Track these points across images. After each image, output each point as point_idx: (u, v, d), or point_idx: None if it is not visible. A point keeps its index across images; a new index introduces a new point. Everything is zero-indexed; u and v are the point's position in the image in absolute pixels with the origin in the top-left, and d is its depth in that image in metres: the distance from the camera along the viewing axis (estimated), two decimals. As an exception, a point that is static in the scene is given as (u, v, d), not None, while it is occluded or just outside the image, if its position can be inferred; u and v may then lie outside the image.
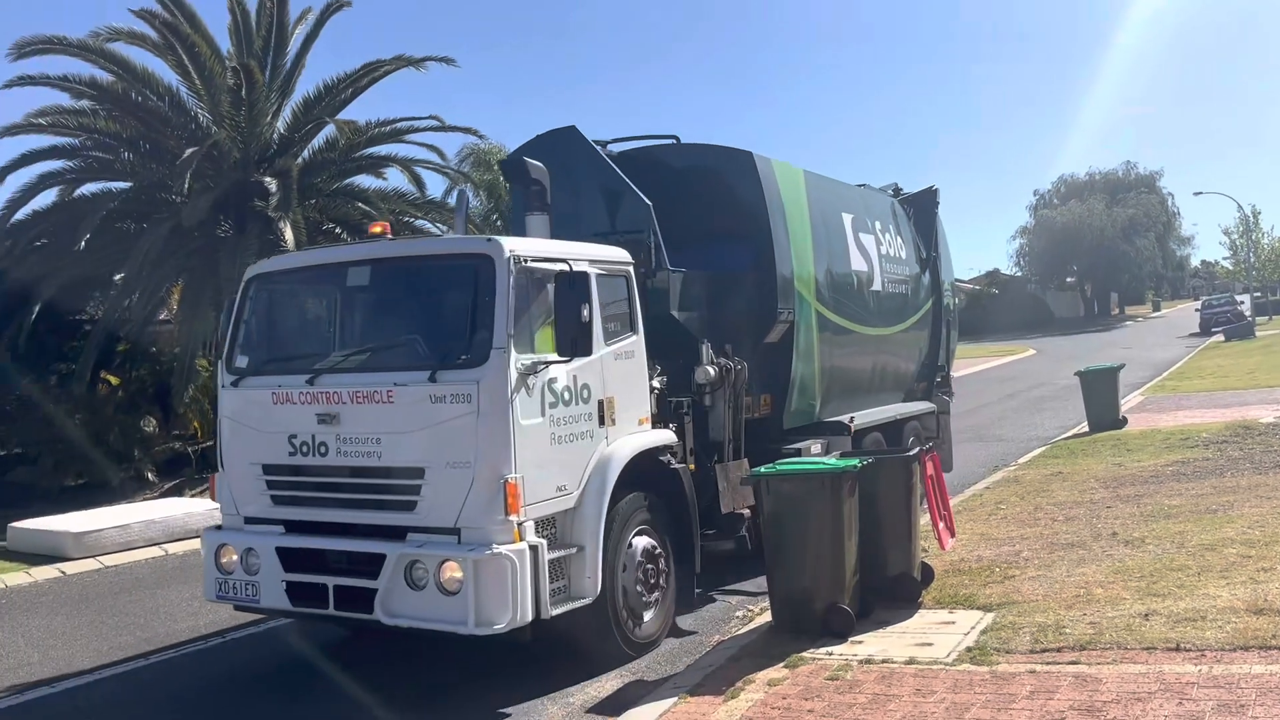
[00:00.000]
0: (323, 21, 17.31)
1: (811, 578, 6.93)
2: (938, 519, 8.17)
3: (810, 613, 6.90)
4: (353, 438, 6.52)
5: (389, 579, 6.25)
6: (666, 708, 5.87)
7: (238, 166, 16.25)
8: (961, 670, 6.01)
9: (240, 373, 7.21)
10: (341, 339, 7.32)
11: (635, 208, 8.36)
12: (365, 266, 6.98)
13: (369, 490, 6.57)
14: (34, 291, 14.96)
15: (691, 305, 8.46)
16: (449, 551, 6.15)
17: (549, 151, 8.56)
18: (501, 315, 6.29)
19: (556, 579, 6.46)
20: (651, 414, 7.58)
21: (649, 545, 7.23)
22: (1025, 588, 7.62)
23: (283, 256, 7.72)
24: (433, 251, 7.25)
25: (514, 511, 6.14)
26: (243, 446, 7.06)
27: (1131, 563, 8.07)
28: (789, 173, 9.80)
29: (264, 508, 6.95)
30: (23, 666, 7.83)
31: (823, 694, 5.80)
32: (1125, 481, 11.93)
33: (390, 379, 6.43)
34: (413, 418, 6.31)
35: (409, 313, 7.10)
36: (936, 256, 12.81)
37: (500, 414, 6.17)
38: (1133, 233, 71.46)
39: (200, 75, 16.05)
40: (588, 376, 6.89)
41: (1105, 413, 17.21)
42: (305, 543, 6.68)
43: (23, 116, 15.48)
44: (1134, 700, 5.27)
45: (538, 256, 6.67)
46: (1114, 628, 6.44)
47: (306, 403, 6.67)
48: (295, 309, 7.86)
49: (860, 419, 10.23)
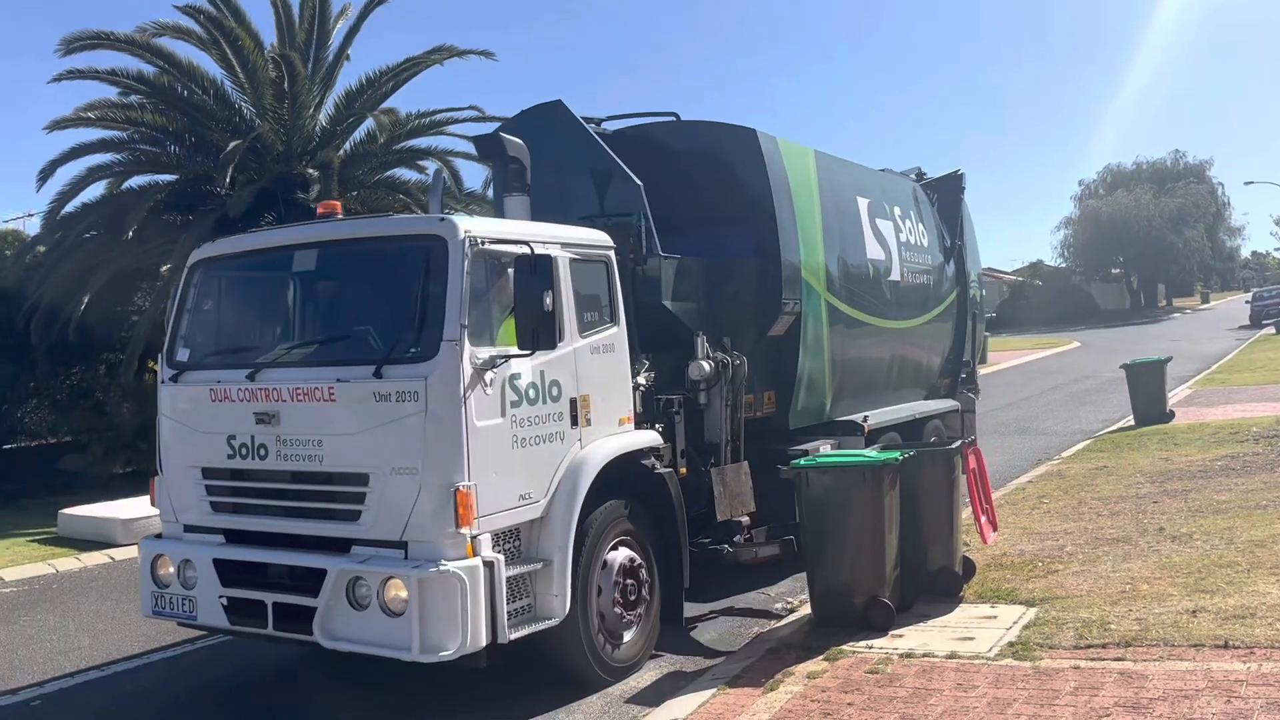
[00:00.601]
0: (365, 15, 17.42)
1: (851, 571, 6.89)
2: (980, 513, 8.09)
3: (850, 606, 6.86)
4: (293, 439, 5.93)
5: (329, 597, 5.68)
6: (705, 699, 5.87)
7: (280, 159, 16.41)
8: (1004, 665, 5.95)
9: (181, 367, 6.63)
10: (288, 330, 6.69)
11: (625, 188, 7.81)
12: (311, 250, 6.36)
13: (311, 498, 5.97)
14: (84, 282, 15.22)
15: (686, 295, 7.89)
16: (393, 568, 5.56)
17: (534, 129, 8.02)
18: (455, 303, 5.65)
19: (519, 598, 5.86)
20: (635, 413, 6.97)
21: (629, 558, 6.61)
22: (1069, 583, 7.53)
23: (229, 239, 7.06)
24: (380, 233, 6.45)
25: (466, 523, 5.53)
26: (181, 448, 6.48)
27: (1179, 558, 7.94)
28: (797, 153, 9.16)
29: (203, 515, 6.39)
30: (73, 650, 7.99)
31: (862, 687, 5.77)
32: (1172, 476, 11.73)
33: (333, 375, 5.83)
34: (356, 418, 5.73)
35: (357, 301, 6.53)
36: (962, 245, 12.13)
37: (451, 414, 5.57)
38: (1181, 223, 70.14)
39: (244, 68, 16.22)
40: (558, 372, 6.27)
41: (1151, 406, 16.91)
42: (244, 555, 6.14)
43: (72, 111, 15.75)
44: (1181, 698, 5.19)
45: (498, 238, 6.01)
46: (1161, 624, 6.35)
47: (245, 400, 6.09)
48: (241, 297, 7.14)
49: (875, 418, 9.58)
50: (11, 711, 6.74)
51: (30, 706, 6.82)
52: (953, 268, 11.98)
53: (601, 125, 8.90)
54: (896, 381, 10.67)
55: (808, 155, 9.34)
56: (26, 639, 8.38)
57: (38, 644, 8.07)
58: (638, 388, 7.07)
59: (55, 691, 7.08)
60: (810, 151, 9.43)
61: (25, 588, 10.33)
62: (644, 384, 7.16)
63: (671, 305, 7.72)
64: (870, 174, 10.90)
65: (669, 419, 7.38)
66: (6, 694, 7.03)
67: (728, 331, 7.99)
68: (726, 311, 8.18)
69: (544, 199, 7.62)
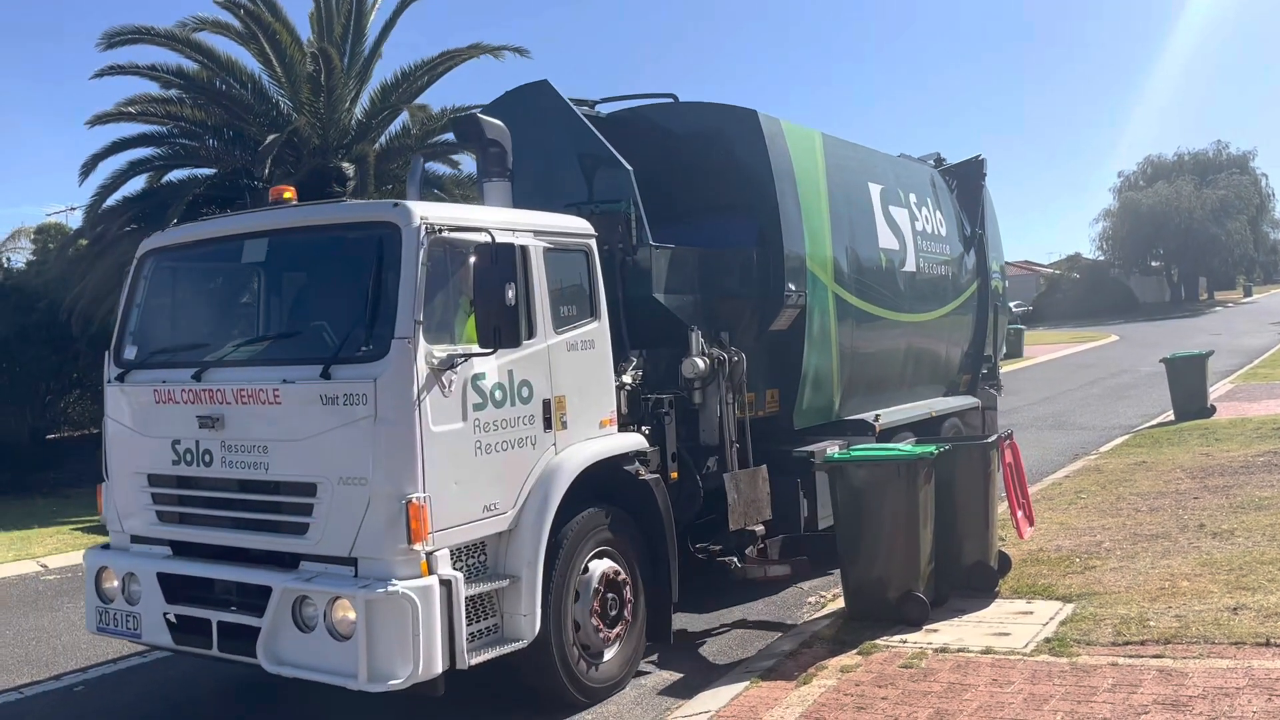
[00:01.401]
0: (401, 9, 17.51)
1: (886, 565, 6.86)
2: (1016, 508, 8.02)
3: (885, 600, 6.83)
4: (238, 445, 5.53)
5: (274, 616, 5.28)
6: (737, 692, 5.87)
7: (317, 153, 16.54)
8: (1040, 661, 5.90)
9: (127, 365, 6.20)
10: (238, 327, 6.28)
11: (614, 173, 7.36)
12: (262, 240, 5.92)
13: (257, 508, 5.58)
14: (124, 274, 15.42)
15: (680, 287, 7.41)
16: (340, 587, 5.13)
17: (518, 110, 7.59)
18: (408, 297, 5.20)
19: (482, 618, 5.45)
20: (619, 415, 6.51)
21: (610, 570, 6.15)
22: (1107, 579, 7.45)
23: (179, 228, 6.58)
24: (331, 219, 5.97)
25: (419, 538, 5.09)
26: (127, 453, 6.07)
27: (1219, 555, 7.83)
28: (802, 135, 8.68)
29: (149, 525, 6.00)
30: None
31: (896, 682, 5.74)
32: (1213, 472, 11.56)
33: (279, 375, 5.41)
34: (303, 422, 5.31)
35: (310, 295, 6.15)
36: (983, 234, 11.60)
37: (403, 419, 5.13)
38: (1223, 215, 68.97)
39: (281, 63, 16.37)
40: (529, 371, 5.79)
41: (1192, 401, 16.67)
42: (189, 569, 5.76)
43: (113, 106, 15.96)
44: (1221, 695, 5.13)
45: (459, 225, 5.53)
46: (1201, 621, 6.27)
47: (189, 402, 5.68)
48: (191, 290, 6.69)
49: (887, 417, 9.10)
50: (56, 697, 6.88)
51: (74, 692, 6.95)
52: (973, 258, 11.48)
53: (595, 108, 8.50)
54: (912, 378, 10.22)
55: (814, 138, 8.93)
56: (70, 625, 8.53)
57: (81, 631, 8.19)
58: (622, 387, 6.64)
59: (98, 677, 7.20)
60: (817, 134, 9.01)
61: (69, 575, 10.51)
62: (630, 383, 6.74)
63: (664, 298, 7.26)
64: (883, 159, 10.40)
65: (658, 420, 6.92)
66: (50, 680, 7.17)
67: (727, 326, 7.66)
68: (726, 305, 7.78)
69: (530, 185, 7.24)
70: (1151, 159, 77.66)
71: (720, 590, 7.95)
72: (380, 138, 17.78)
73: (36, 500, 15.08)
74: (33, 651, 7.87)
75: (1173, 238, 68.83)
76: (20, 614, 9.09)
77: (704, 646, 7.05)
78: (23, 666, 7.48)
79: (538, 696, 5.97)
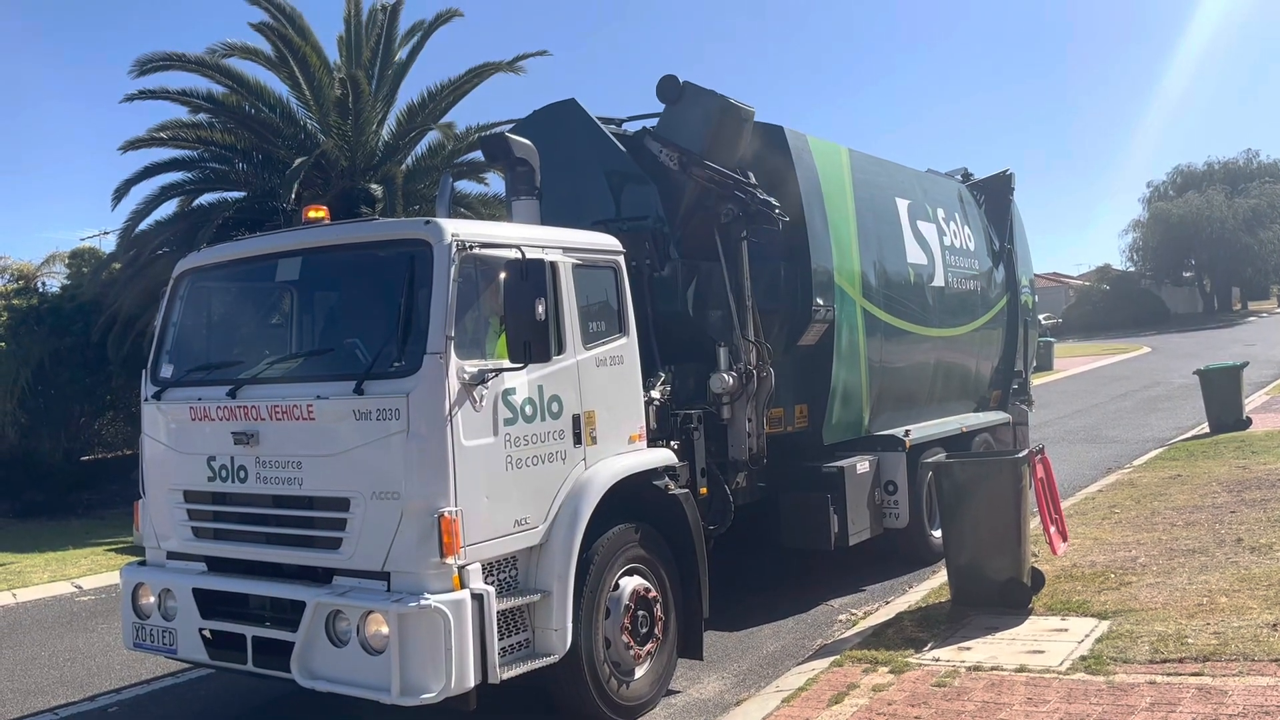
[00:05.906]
0: (430, 32, 17.68)
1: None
2: (1049, 523, 7.93)
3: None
4: (272, 461, 5.60)
5: (308, 631, 5.32)
6: (769, 711, 5.82)
7: (345, 174, 16.71)
8: (1076, 679, 5.82)
9: (164, 383, 6.27)
10: (273, 344, 6.37)
11: (641, 190, 7.46)
12: (295, 259, 6.00)
13: (291, 524, 5.64)
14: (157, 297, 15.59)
15: (708, 302, 7.51)
16: (373, 602, 5.17)
17: (547, 129, 7.69)
18: (440, 313, 5.25)
19: (514, 632, 5.48)
20: (648, 430, 6.53)
21: (641, 587, 6.14)
22: (1143, 595, 7.34)
23: (214, 248, 6.74)
24: (363, 237, 6.06)
25: (451, 552, 5.12)
26: (163, 470, 6.16)
27: (1258, 570, 7.70)
28: (830, 151, 8.80)
29: (185, 541, 6.06)
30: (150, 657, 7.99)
31: (930, 700, 5.68)
32: (1250, 485, 11.38)
33: (313, 391, 5.47)
34: (336, 438, 5.38)
35: (343, 312, 6.27)
36: (1011, 248, 11.66)
37: (435, 434, 5.17)
38: (1256, 224, 68.10)
39: (310, 87, 16.57)
40: (558, 386, 5.83)
41: (1227, 413, 16.45)
42: (224, 585, 5.82)
43: (145, 131, 16.20)
44: (1262, 714, 5.04)
45: (489, 242, 5.58)
46: (1240, 638, 6.16)
47: (224, 419, 5.75)
48: (227, 309, 6.77)
49: (918, 433, 9.17)
50: (90, 718, 6.92)
51: (108, 713, 7.00)
52: (1002, 272, 11.53)
53: (622, 125, 8.55)
54: (942, 393, 10.24)
55: (840, 154, 8.98)
56: (104, 647, 8.60)
57: (115, 652, 8.27)
58: (651, 402, 6.66)
59: (132, 698, 7.25)
60: (844, 150, 9.08)
61: (103, 596, 10.61)
62: (659, 398, 6.75)
63: (692, 313, 7.34)
64: (911, 174, 10.52)
65: (687, 435, 6.97)
66: (85, 700, 7.22)
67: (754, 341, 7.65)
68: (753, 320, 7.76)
69: (558, 203, 7.29)
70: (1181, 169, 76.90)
71: (750, 608, 7.92)
72: (407, 159, 17.94)
73: (71, 521, 15.28)
74: (68, 673, 7.94)
75: (1204, 248, 68.07)
76: (55, 635, 9.18)
77: (734, 664, 7.02)
78: (58, 688, 7.55)
79: (568, 715, 5.95)
